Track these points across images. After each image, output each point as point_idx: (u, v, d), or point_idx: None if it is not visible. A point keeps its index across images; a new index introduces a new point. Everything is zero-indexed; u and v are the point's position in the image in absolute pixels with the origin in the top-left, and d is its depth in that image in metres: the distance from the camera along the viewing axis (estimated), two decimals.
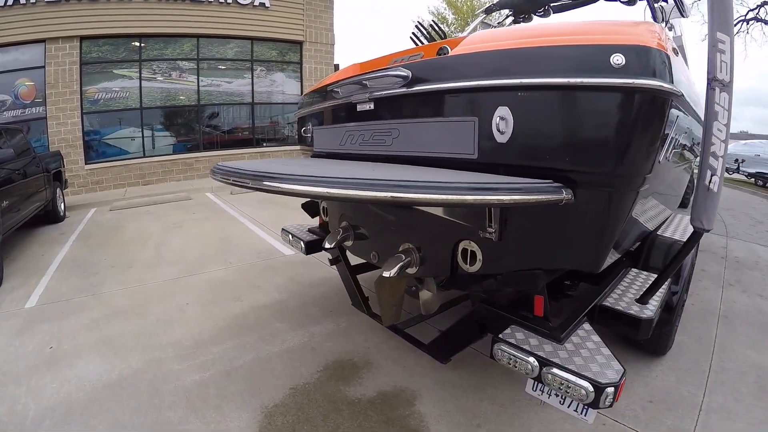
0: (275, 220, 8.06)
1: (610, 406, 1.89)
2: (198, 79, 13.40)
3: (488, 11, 5.08)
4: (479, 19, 5.07)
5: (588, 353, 2.07)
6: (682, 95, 1.91)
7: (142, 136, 12.84)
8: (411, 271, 2.77)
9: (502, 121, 1.97)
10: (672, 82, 1.70)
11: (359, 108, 2.79)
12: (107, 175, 12.24)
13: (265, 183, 1.80)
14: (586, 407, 2.01)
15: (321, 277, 5.25)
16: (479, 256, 2.42)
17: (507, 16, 5.10)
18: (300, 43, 14.84)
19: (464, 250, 2.50)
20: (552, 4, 4.72)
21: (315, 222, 4.44)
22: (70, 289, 5.06)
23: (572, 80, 1.72)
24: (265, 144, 14.63)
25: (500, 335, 2.24)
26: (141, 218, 8.73)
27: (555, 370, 1.97)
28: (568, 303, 2.87)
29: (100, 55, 12.12)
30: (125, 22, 11.90)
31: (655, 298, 2.51)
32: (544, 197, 1.73)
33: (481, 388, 3.17)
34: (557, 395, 2.11)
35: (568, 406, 2.09)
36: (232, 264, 5.79)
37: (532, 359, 2.06)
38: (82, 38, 11.67)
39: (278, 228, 7.28)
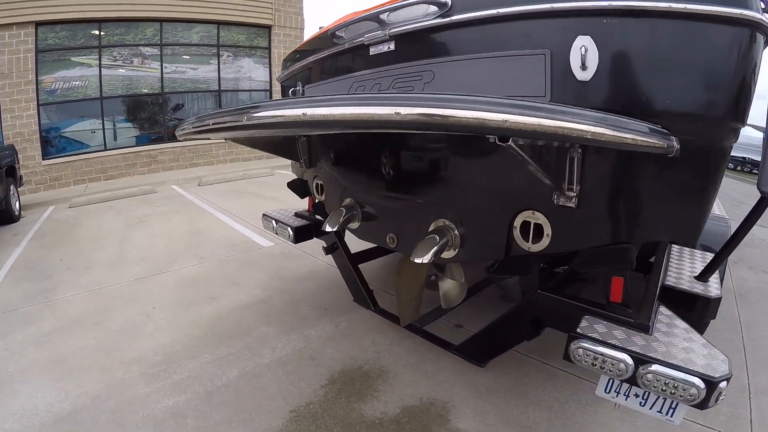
0: (248, 210, 7.20)
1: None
2: (161, 65, 12.26)
3: None
4: None
5: (682, 342, 1.68)
6: None
7: (103, 128, 11.67)
8: (448, 255, 2.10)
9: (584, 54, 1.56)
10: None
11: (373, 51, 2.18)
12: (67, 170, 11.08)
13: (253, 114, 1.38)
14: (673, 408, 1.66)
15: (308, 270, 4.49)
16: (547, 229, 1.86)
17: None
18: (269, 28, 13.83)
19: (525, 224, 1.92)
20: None
21: (302, 205, 3.68)
22: (18, 297, 4.16)
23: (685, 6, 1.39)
24: None
25: (579, 330, 1.75)
26: (102, 214, 7.75)
27: (656, 368, 1.55)
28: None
29: (57, 41, 10.91)
30: (84, 6, 10.69)
31: (715, 275, 2.17)
32: (653, 141, 1.39)
33: (522, 391, 2.57)
34: (637, 396, 1.73)
35: (651, 408, 1.71)
36: (204, 259, 4.96)
37: (625, 357, 1.61)
38: (38, 24, 10.48)
39: (253, 218, 6.49)
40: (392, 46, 2.10)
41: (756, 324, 3.44)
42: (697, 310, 2.00)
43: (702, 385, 1.48)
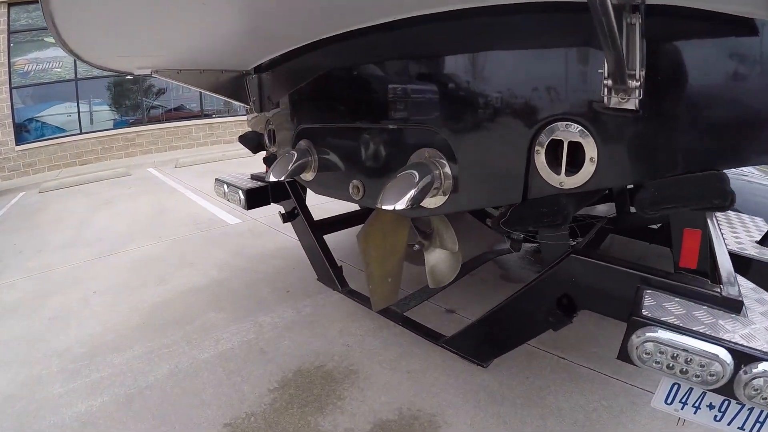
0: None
1: None
2: None
3: None
4: None
5: None
6: None
7: (78, 111, 10.78)
8: (434, 202, 1.40)
9: None
10: None
11: None
12: (41, 156, 10.21)
13: None
14: (761, 422, 1.08)
15: (275, 247, 3.76)
16: (591, 151, 1.17)
17: None
18: None
19: (552, 147, 1.23)
20: None
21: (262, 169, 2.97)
22: None
23: None
24: (214, 115, 12.70)
25: (644, 312, 1.13)
26: (70, 198, 6.99)
27: (765, 366, 0.96)
28: None
29: (30, 21, 10.02)
30: None
31: None
32: None
33: (537, 396, 1.89)
34: (711, 407, 1.14)
35: (730, 423, 1.13)
36: (162, 238, 4.21)
37: (721, 352, 1.01)
38: (10, 4, 9.67)
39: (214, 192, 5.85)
40: None
41: None
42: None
43: None
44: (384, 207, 1.26)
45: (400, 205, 1.23)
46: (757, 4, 0.88)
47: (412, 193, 1.25)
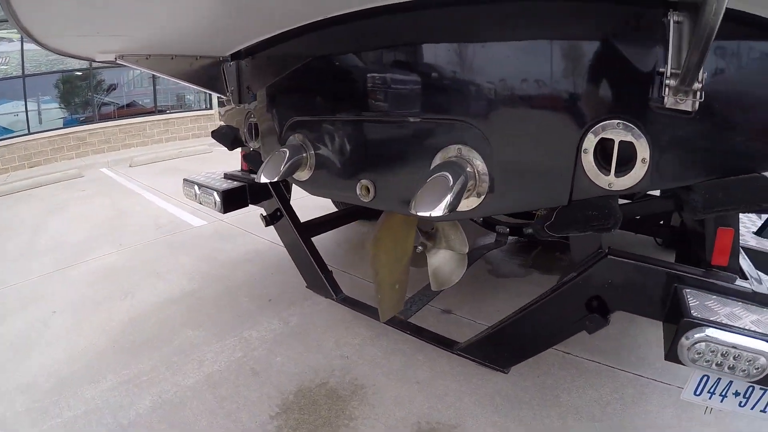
0: (180, 188, 6.02)
1: None
2: None
3: None
4: None
5: None
6: None
7: (26, 110, 9.85)
8: (469, 205, 1.27)
9: None
10: None
11: None
12: None
13: None
14: None
15: (247, 250, 3.47)
16: (643, 152, 1.08)
17: None
18: None
19: (601, 147, 1.12)
20: None
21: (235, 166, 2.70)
22: None
23: None
24: (169, 111, 11.91)
25: (693, 313, 1.12)
26: (18, 204, 6.35)
27: None
28: None
29: None
30: None
31: None
32: None
33: (551, 395, 1.79)
34: (737, 394, 1.20)
35: (753, 407, 1.21)
36: (123, 246, 3.82)
37: (766, 347, 1.04)
38: None
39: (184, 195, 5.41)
40: None
41: None
42: None
43: None
44: (419, 214, 1.10)
45: (437, 212, 1.08)
46: None
47: (448, 198, 1.09)
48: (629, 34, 1.03)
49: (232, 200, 2.27)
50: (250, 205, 2.46)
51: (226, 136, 2.32)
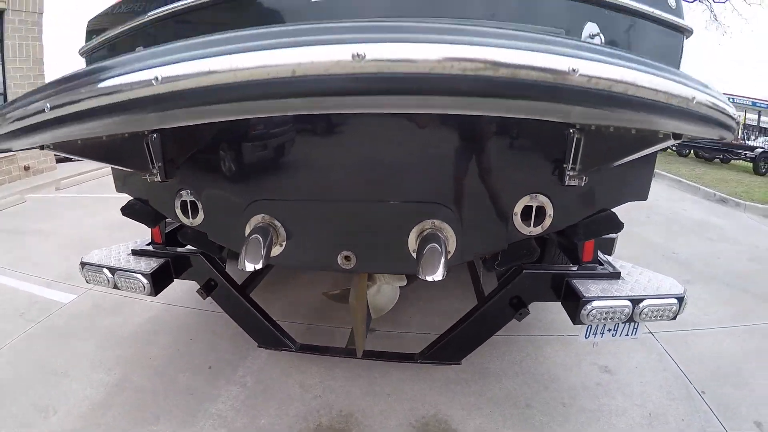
0: (17, 255, 4.84)
1: None
2: None
3: None
4: None
5: (642, 278, 1.95)
6: None
7: None
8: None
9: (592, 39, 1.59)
10: None
11: None
12: None
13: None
14: (635, 329, 1.91)
15: (143, 319, 3.15)
16: (550, 210, 1.68)
17: None
18: (1, 12, 9.53)
19: (526, 208, 1.68)
20: None
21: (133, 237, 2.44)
22: None
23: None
24: None
25: (585, 295, 1.80)
26: None
27: (647, 302, 1.79)
28: None
29: None
30: None
31: None
32: None
33: (492, 369, 2.38)
34: (609, 330, 1.90)
35: (621, 335, 1.93)
36: None
37: (627, 303, 1.79)
38: None
39: (30, 265, 4.40)
40: None
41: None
42: (609, 247, 2.34)
43: (676, 301, 1.81)
44: (427, 278, 1.41)
45: (439, 276, 1.40)
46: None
47: (443, 263, 1.43)
48: (545, 144, 1.53)
49: (160, 281, 2.09)
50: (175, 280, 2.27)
51: (147, 215, 2.08)
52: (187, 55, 0.96)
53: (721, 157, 12.95)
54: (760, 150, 12.16)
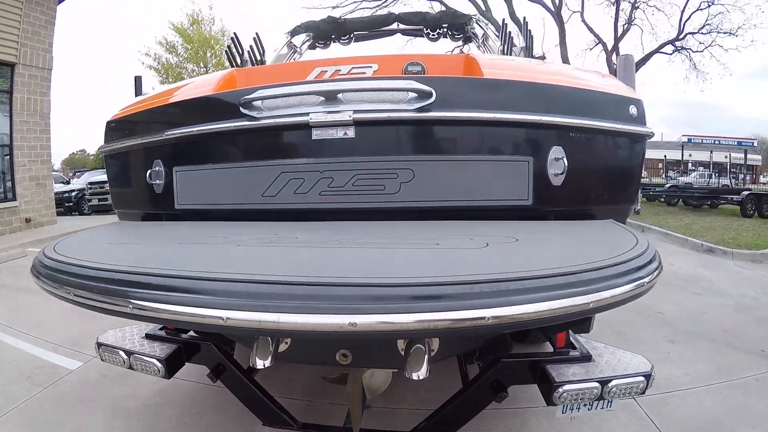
0: (20, 314, 5.05)
1: None
2: None
3: (294, 33, 4.19)
4: (286, 40, 4.11)
5: (613, 357, 2.09)
6: None
7: None
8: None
9: (557, 162, 1.77)
10: None
11: (318, 135, 1.69)
12: None
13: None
14: (609, 401, 2.02)
15: (153, 391, 3.28)
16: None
17: (303, 42, 4.37)
18: (11, 66, 10.15)
19: None
20: (355, 33, 4.45)
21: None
22: None
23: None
24: None
25: (557, 380, 1.96)
26: None
27: (614, 382, 1.92)
28: None
29: None
30: None
31: None
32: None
33: None
34: (585, 405, 2.01)
35: (596, 408, 2.05)
36: (4, 410, 3.10)
37: (596, 384, 1.92)
38: None
39: (34, 325, 4.62)
40: (351, 133, 1.65)
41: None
42: (586, 326, 2.35)
43: (644, 379, 1.91)
44: (414, 377, 1.54)
45: (423, 374, 1.53)
46: None
47: (427, 361, 1.55)
48: None
49: (174, 365, 2.28)
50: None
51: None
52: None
53: (710, 203, 13.43)
54: (747, 193, 12.67)
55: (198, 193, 1.97)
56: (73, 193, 17.09)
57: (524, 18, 3.09)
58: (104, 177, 18.90)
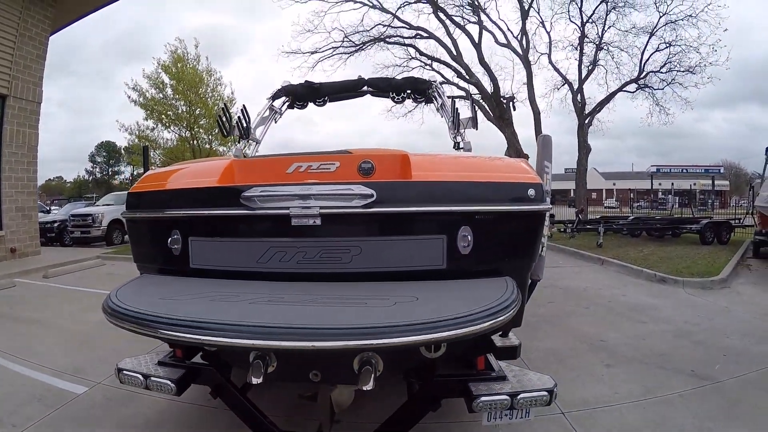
0: (21, 342, 5.45)
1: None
2: None
3: (274, 97, 4.79)
4: (267, 104, 4.72)
5: (524, 376, 2.63)
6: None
7: None
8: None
9: (465, 237, 2.37)
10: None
11: (297, 222, 2.38)
12: None
13: None
14: (528, 411, 2.52)
15: (158, 410, 3.77)
16: (442, 348, 2.43)
17: (284, 103, 5.00)
18: (3, 98, 10.67)
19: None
20: (331, 96, 5.09)
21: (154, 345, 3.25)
22: None
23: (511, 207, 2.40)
24: None
25: (474, 393, 2.46)
26: None
27: (522, 395, 2.40)
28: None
29: None
30: None
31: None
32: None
33: None
34: (506, 414, 2.50)
35: (517, 417, 2.55)
36: (22, 428, 3.51)
37: (506, 397, 2.40)
38: None
39: (33, 353, 5.06)
40: (318, 221, 2.35)
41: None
42: (512, 354, 3.14)
43: (547, 393, 2.39)
44: (364, 388, 2.09)
45: (369, 386, 2.08)
46: None
47: (373, 377, 2.11)
48: None
49: (183, 385, 2.89)
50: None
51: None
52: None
53: (670, 233, 14.25)
54: (706, 221, 13.57)
55: (208, 257, 2.63)
56: (56, 224, 17.61)
57: (470, 93, 3.87)
58: (87, 210, 18.91)
